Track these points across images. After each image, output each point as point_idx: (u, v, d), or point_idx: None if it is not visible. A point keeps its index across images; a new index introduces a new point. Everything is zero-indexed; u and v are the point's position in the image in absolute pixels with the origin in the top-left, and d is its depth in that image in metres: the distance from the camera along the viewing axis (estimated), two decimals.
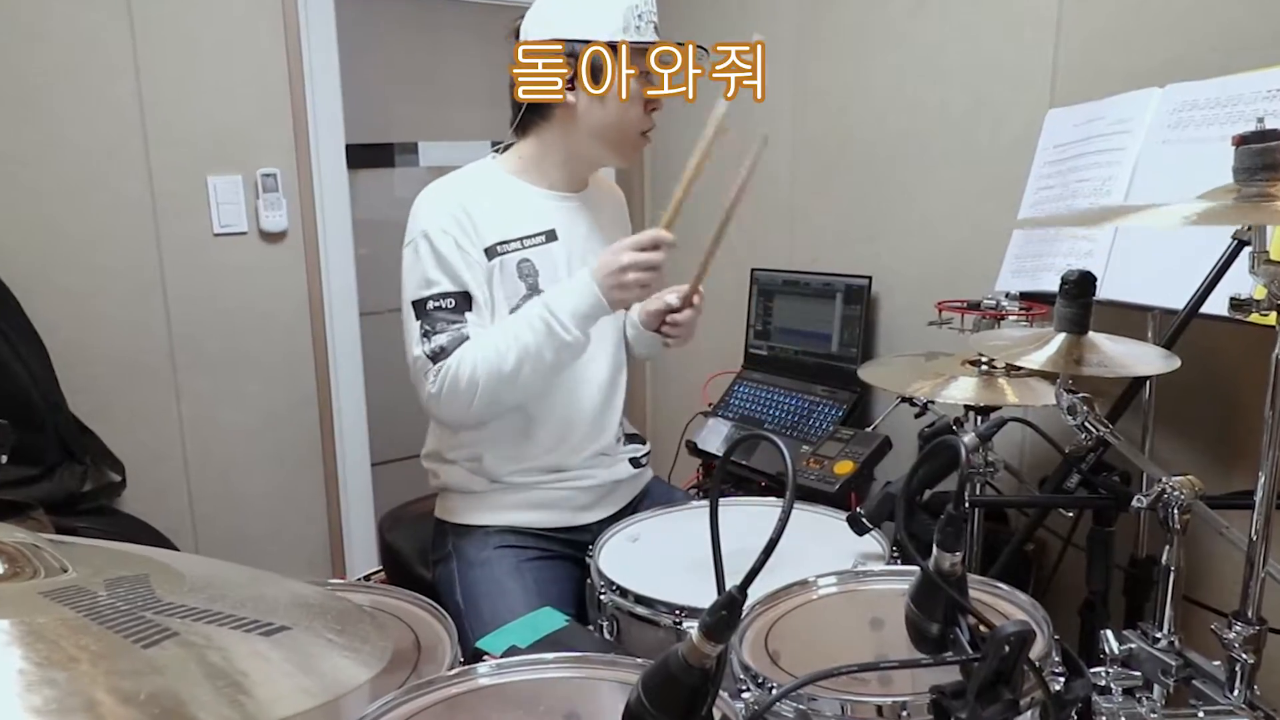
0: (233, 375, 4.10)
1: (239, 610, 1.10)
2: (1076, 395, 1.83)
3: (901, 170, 3.63)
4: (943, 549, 1.34)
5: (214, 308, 4.02)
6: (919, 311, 3.00)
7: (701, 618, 1.22)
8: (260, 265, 4.10)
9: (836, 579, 1.94)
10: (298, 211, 4.14)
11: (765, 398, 3.86)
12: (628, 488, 2.84)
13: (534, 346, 2.46)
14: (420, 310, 2.48)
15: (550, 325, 2.46)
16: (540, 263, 2.60)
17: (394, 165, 4.81)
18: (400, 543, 2.98)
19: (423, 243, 2.50)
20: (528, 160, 2.66)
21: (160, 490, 3.99)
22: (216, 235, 3.98)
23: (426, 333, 2.47)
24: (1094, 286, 1.77)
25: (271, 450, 4.25)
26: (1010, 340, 1.97)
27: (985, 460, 2.52)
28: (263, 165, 4.03)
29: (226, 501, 4.16)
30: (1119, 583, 2.58)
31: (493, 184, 2.63)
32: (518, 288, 2.57)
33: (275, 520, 4.29)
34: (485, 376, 2.45)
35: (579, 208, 2.71)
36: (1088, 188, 2.58)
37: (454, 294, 2.49)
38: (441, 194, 2.56)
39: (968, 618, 1.33)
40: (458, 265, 2.49)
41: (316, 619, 1.15)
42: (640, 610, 2.08)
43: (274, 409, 4.22)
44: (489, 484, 2.67)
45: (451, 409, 2.50)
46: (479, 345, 2.46)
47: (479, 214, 2.53)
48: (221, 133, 3.94)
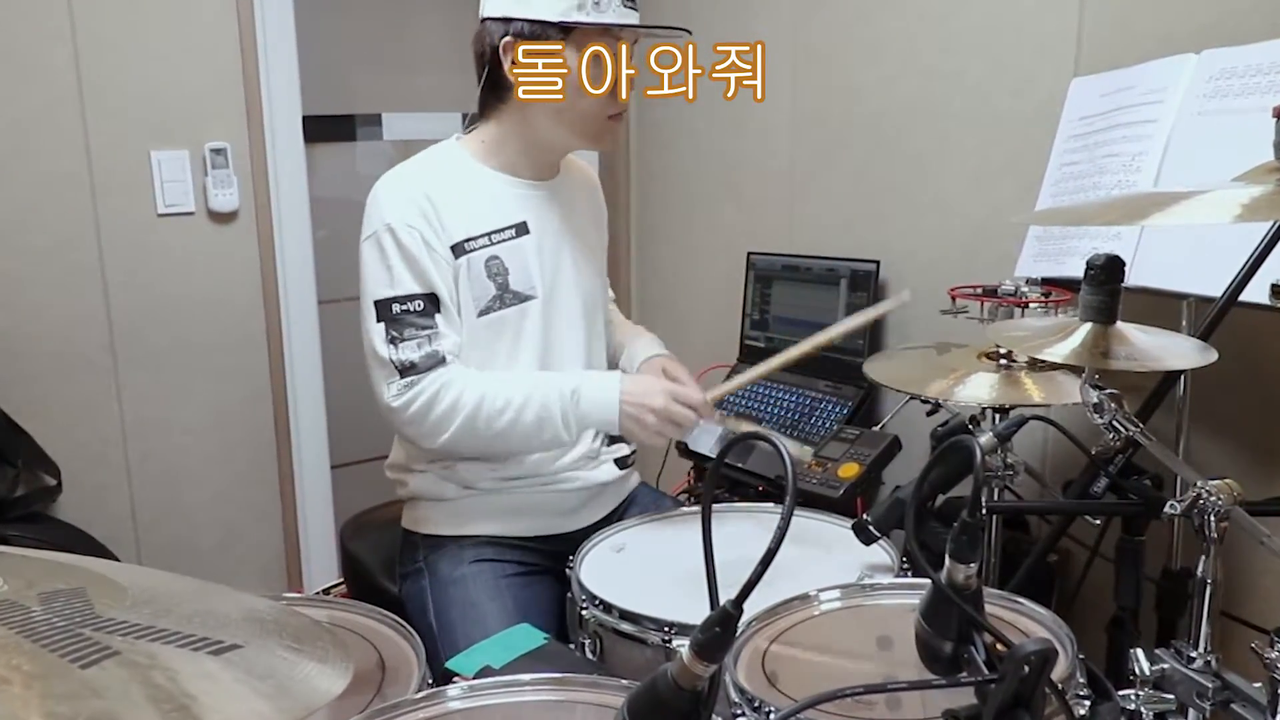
0: (179, 369, 4.10)
1: (186, 627, 1.10)
2: (1104, 391, 1.83)
3: (912, 144, 3.63)
4: (956, 560, 1.34)
5: (158, 295, 4.01)
6: (931, 299, 3.00)
7: (693, 635, 1.22)
8: (209, 248, 4.10)
9: (840, 593, 1.95)
10: (250, 190, 4.14)
11: (762, 394, 3.86)
12: (613, 492, 2.84)
13: (528, 424, 2.52)
14: (385, 312, 2.49)
15: (554, 419, 2.53)
16: (510, 259, 2.60)
17: (355, 139, 4.81)
18: (363, 553, 2.98)
19: (386, 238, 2.49)
20: (491, 145, 2.66)
21: (99, 495, 3.98)
22: (160, 216, 3.98)
23: (394, 338, 2.48)
24: (1122, 272, 1.77)
25: (221, 451, 4.24)
26: (1031, 331, 1.97)
27: (1004, 462, 2.52)
28: (211, 139, 4.02)
29: (172, 507, 4.15)
30: (1150, 597, 2.58)
31: (457, 171, 2.62)
32: (486, 288, 2.57)
33: (225, 528, 4.28)
34: (464, 421, 2.49)
35: (550, 196, 2.71)
36: (1116, 164, 2.58)
37: (421, 296, 2.50)
38: (404, 183, 2.56)
39: (984, 635, 1.33)
40: (425, 264, 2.49)
41: (271, 636, 1.15)
42: (625, 627, 2.09)
43: (224, 406, 4.22)
44: (461, 490, 2.67)
45: (413, 430, 2.54)
46: (471, 385, 2.50)
47: (445, 206, 2.53)
48: (166, 103, 3.93)
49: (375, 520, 3.08)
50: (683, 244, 4.68)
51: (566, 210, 2.74)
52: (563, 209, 2.73)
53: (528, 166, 2.67)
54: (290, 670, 1.09)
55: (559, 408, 2.51)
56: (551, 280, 2.66)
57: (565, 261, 2.70)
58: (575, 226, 2.74)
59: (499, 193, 2.63)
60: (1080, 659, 1.61)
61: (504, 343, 2.61)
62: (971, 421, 2.57)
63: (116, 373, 3.97)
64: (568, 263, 2.71)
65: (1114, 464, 2.22)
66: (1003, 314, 2.72)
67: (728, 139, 4.30)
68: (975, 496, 1.33)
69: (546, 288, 2.65)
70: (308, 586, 4.39)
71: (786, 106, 4.05)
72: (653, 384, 2.58)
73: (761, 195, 4.22)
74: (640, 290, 4.93)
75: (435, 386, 2.47)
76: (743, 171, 4.26)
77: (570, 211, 2.75)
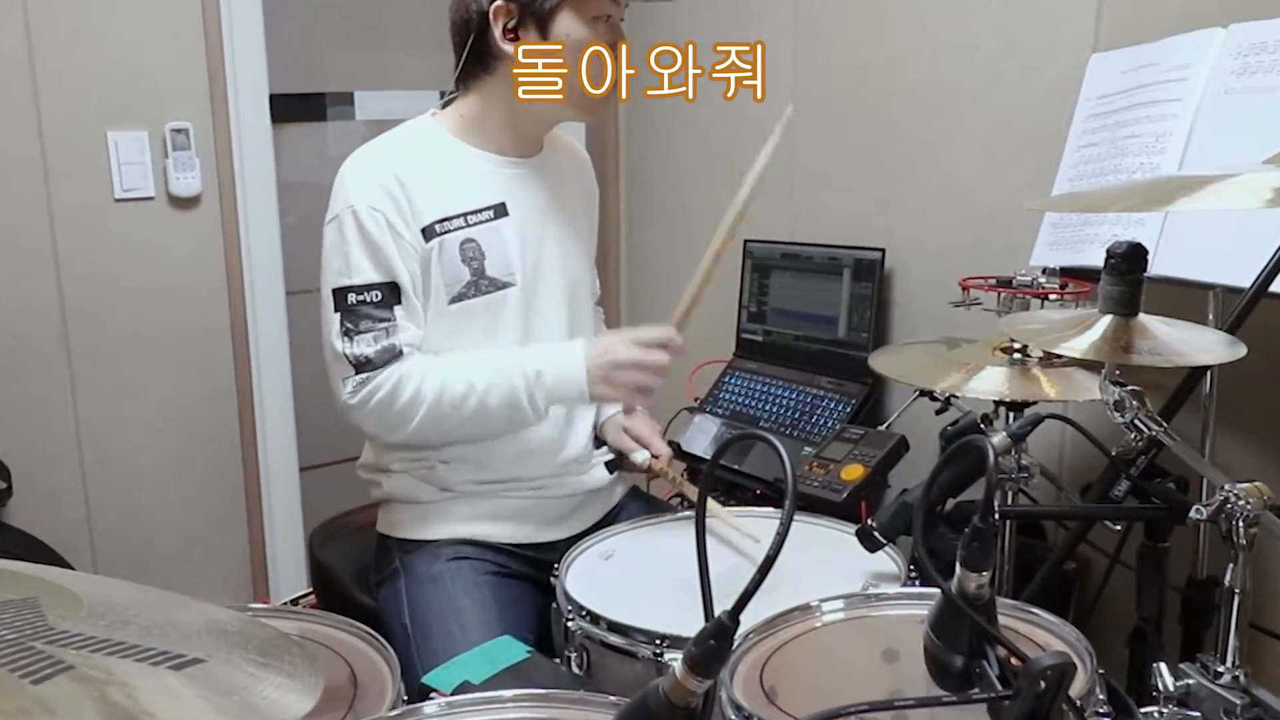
0: (137, 365, 4.09)
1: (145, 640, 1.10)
2: (1125, 388, 1.83)
3: (919, 125, 3.63)
4: (968, 568, 1.34)
5: (115, 285, 4.00)
6: (940, 290, 3.00)
7: (686, 649, 1.22)
8: (169, 236, 4.08)
9: (844, 603, 1.95)
10: (213, 173, 4.13)
11: (760, 391, 3.87)
12: (603, 498, 2.85)
13: (494, 409, 2.52)
14: (341, 302, 2.49)
15: (519, 400, 2.51)
16: (487, 243, 2.59)
17: (326, 119, 4.81)
18: (334, 561, 2.98)
19: (349, 221, 2.49)
20: (470, 120, 2.65)
21: (52, 499, 3.97)
22: (118, 201, 3.97)
23: (348, 331, 2.48)
24: (1145, 260, 1.77)
25: (183, 452, 4.23)
26: (1047, 324, 1.97)
27: (1018, 464, 2.52)
28: (172, 119, 4.01)
29: (130, 512, 4.15)
30: (1174, 608, 2.58)
31: (431, 148, 2.62)
32: (460, 273, 2.57)
33: (187, 534, 4.28)
34: (426, 412, 2.50)
35: (533, 175, 2.71)
36: (1137, 145, 2.58)
37: (379, 285, 2.49)
38: (371, 162, 2.56)
39: (997, 648, 1.33)
40: (387, 251, 2.49)
41: (235, 650, 1.15)
42: (614, 639, 2.09)
43: (186, 404, 4.21)
44: (440, 492, 2.67)
45: (375, 427, 2.56)
46: (430, 373, 2.50)
47: (416, 186, 2.52)
48: (124, 80, 3.92)
49: (347, 526, 3.08)
50: (675, 231, 4.68)
51: (551, 190, 2.73)
52: (547, 188, 2.72)
53: (510, 142, 2.66)
54: (256, 686, 1.09)
55: (524, 390, 2.51)
56: (533, 267, 2.66)
57: (549, 246, 2.70)
58: (561, 208, 2.74)
59: (477, 171, 2.63)
60: (1100, 674, 1.61)
61: (476, 333, 2.60)
62: (983, 420, 2.57)
63: (70, 368, 3.96)
64: (551, 247, 2.70)
65: (1136, 466, 2.22)
66: (1017, 306, 2.72)
67: (723, 120, 4.29)
68: (988, 500, 1.33)
69: (526, 275, 2.64)
70: (275, 597, 4.39)
71: (786, 85, 4.04)
72: (611, 338, 2.58)
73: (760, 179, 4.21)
74: (630, 280, 4.93)
75: (393, 380, 2.47)
76: (739, 154, 4.25)
77: (556, 191, 2.74)
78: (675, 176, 4.64)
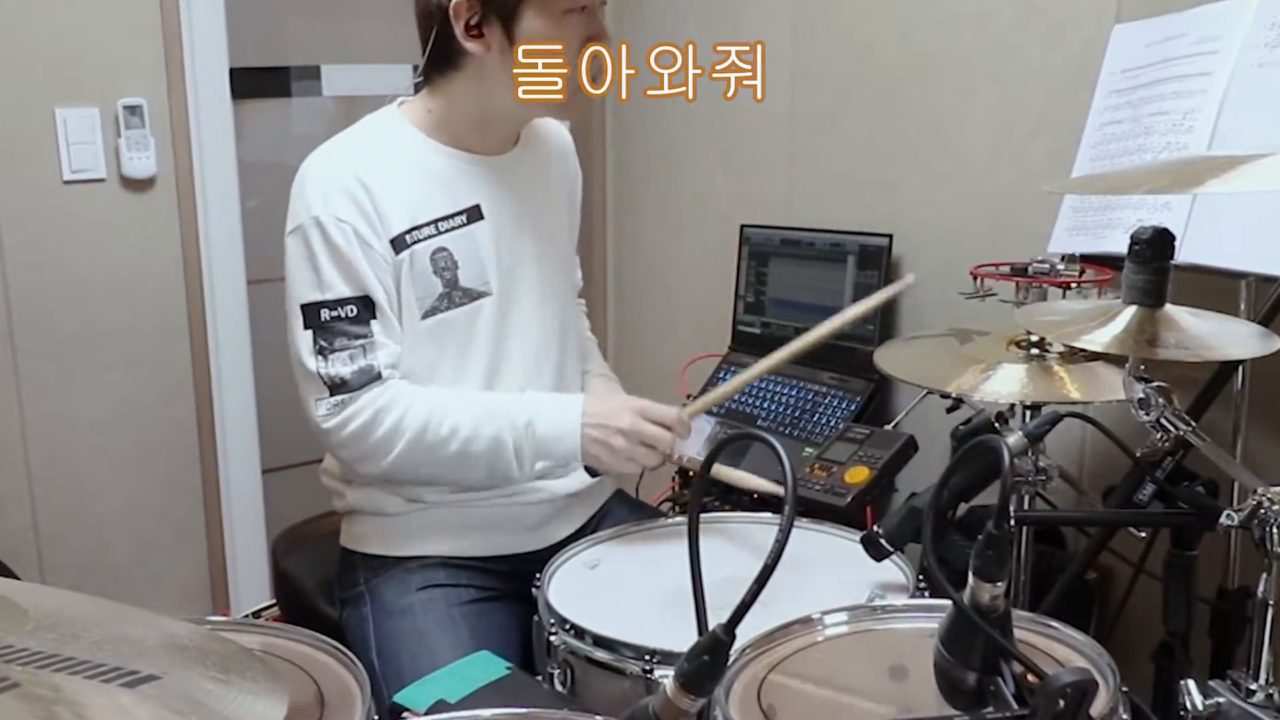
0: (87, 360, 4.08)
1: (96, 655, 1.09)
2: (1150, 384, 1.83)
3: (930, 100, 3.63)
4: (981, 578, 1.34)
5: (63, 274, 3.99)
6: (951, 279, 3.00)
7: (678, 665, 1.22)
8: (122, 220, 4.07)
9: (847, 616, 1.95)
10: (169, 152, 4.11)
11: (758, 387, 3.86)
12: (585, 502, 2.84)
13: (476, 456, 2.52)
14: (312, 319, 2.49)
15: (505, 450, 2.53)
16: (460, 250, 2.59)
17: (290, 95, 4.79)
18: (299, 571, 2.98)
19: (314, 233, 2.48)
20: (438, 117, 2.64)
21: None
22: (67, 183, 3.95)
23: (322, 349, 2.48)
24: (1172, 247, 1.77)
25: (137, 453, 4.22)
26: (1067, 315, 1.97)
27: (1035, 466, 2.52)
28: (125, 95, 4.00)
29: (79, 518, 4.13)
30: (1203, 621, 2.59)
31: (398, 147, 2.61)
32: (432, 285, 2.56)
33: (141, 541, 4.27)
34: (404, 447, 2.50)
35: (509, 173, 2.70)
36: (1164, 123, 2.58)
37: (353, 300, 2.49)
38: (334, 166, 2.54)
39: (1012, 664, 1.33)
40: (357, 264, 2.48)
41: (193, 665, 1.15)
42: (600, 655, 2.09)
43: (140, 402, 4.20)
44: (407, 504, 2.66)
45: (350, 454, 2.56)
46: (414, 407, 2.49)
47: (383, 191, 2.51)
48: (73, 54, 3.90)
49: (313, 533, 3.07)
50: (666, 216, 4.68)
51: (530, 187, 2.73)
52: (525, 186, 2.72)
53: (481, 140, 2.65)
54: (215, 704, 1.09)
55: (511, 441, 2.51)
56: (508, 273, 2.66)
57: (525, 249, 2.69)
58: (540, 206, 2.74)
59: (447, 172, 2.62)
60: (1123, 692, 1.61)
61: (451, 348, 2.60)
62: (998, 419, 2.57)
63: (15, 364, 3.95)
64: (528, 251, 2.70)
65: (1162, 468, 2.23)
66: (1034, 296, 2.72)
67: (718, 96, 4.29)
68: (1002, 505, 1.33)
69: (503, 282, 2.64)
70: (235, 608, 4.39)
71: (786, 59, 4.04)
72: (616, 402, 2.59)
73: (757, 160, 4.21)
74: (617, 269, 4.91)
75: (374, 408, 2.47)
76: (735, 133, 4.26)
77: (534, 188, 2.74)
78: (665, 160, 4.63)
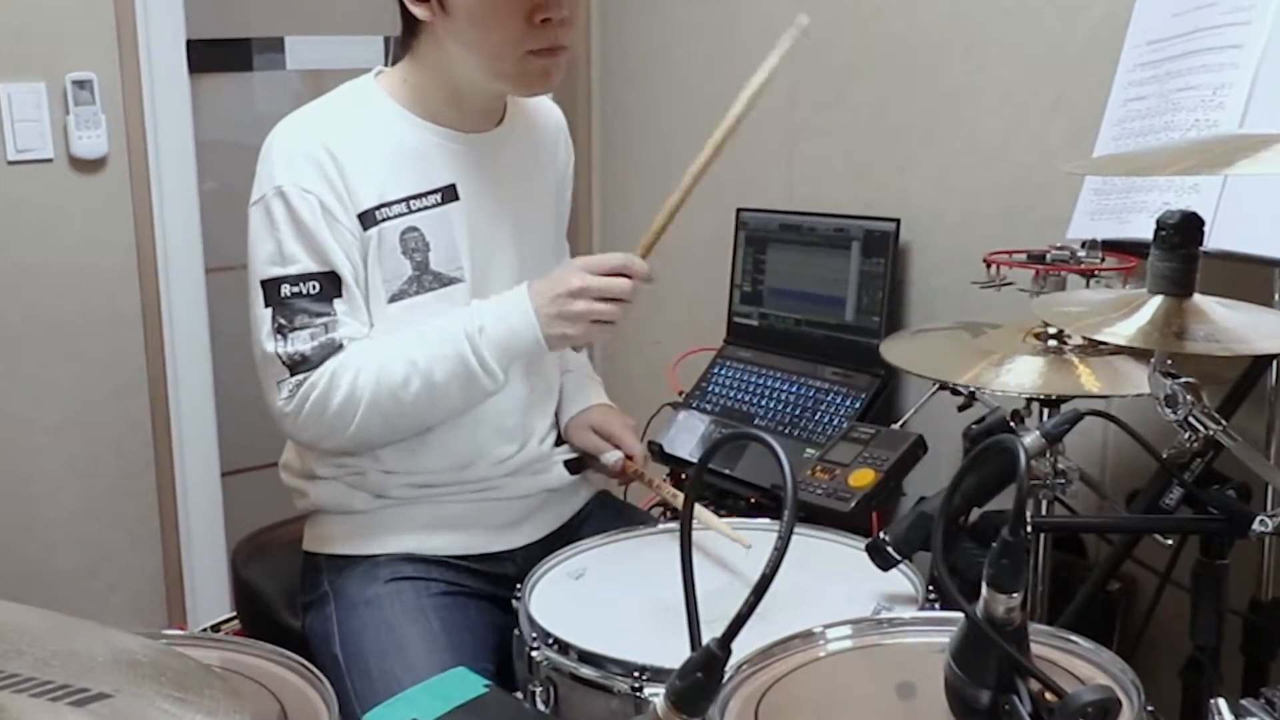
0: (33, 353, 4.07)
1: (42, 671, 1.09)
2: (1177, 380, 1.83)
3: (940, 75, 3.63)
4: (996, 589, 1.33)
5: (7, 261, 3.98)
6: (963, 267, 3.01)
7: (669, 682, 1.22)
8: (71, 203, 4.06)
9: (851, 630, 1.95)
10: (121, 131, 4.11)
11: (755, 384, 3.87)
12: (564, 500, 2.85)
13: (443, 383, 2.50)
14: (273, 295, 2.48)
15: (468, 364, 2.49)
16: (432, 232, 2.59)
17: (252, 69, 4.78)
18: (261, 580, 2.98)
19: (277, 204, 2.48)
20: (415, 88, 2.64)
21: None
22: (11, 163, 3.94)
23: (281, 328, 2.47)
24: (1201, 232, 1.77)
25: (87, 455, 4.21)
26: (1088, 306, 1.97)
27: (1053, 468, 2.52)
28: (74, 69, 3.99)
29: (25, 524, 4.13)
30: (1235, 634, 2.59)
31: (372, 119, 2.61)
32: (401, 266, 2.56)
33: (91, 549, 4.26)
34: (367, 406, 2.48)
35: (491, 152, 2.70)
36: (1192, 99, 2.58)
37: (317, 276, 2.48)
38: (302, 135, 2.54)
39: (1029, 682, 1.33)
40: (322, 237, 2.48)
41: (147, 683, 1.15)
42: (586, 671, 2.09)
43: (90, 399, 4.19)
44: (374, 500, 2.67)
45: (313, 432, 2.54)
46: (365, 361, 2.48)
47: (352, 165, 2.51)
48: (16, 25, 3.89)
49: (276, 540, 3.07)
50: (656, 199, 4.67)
51: (512, 169, 2.73)
52: (507, 167, 2.72)
53: (458, 115, 2.65)
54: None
55: (470, 351, 2.48)
56: (484, 259, 2.65)
57: (503, 235, 2.69)
58: (522, 190, 2.74)
59: (424, 147, 2.62)
60: (1149, 711, 1.61)
61: None
62: (1013, 418, 2.57)
63: None
64: (507, 236, 2.70)
65: (1190, 470, 2.22)
66: (1052, 285, 2.72)
67: (712, 69, 4.29)
68: (1018, 510, 1.32)
69: (476, 268, 2.64)
70: (193, 622, 4.39)
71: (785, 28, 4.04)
72: (558, 270, 2.55)
73: (755, 138, 4.20)
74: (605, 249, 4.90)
75: (327, 376, 2.46)
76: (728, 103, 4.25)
77: (517, 170, 2.74)
78: (656, 131, 4.63)
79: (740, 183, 4.19)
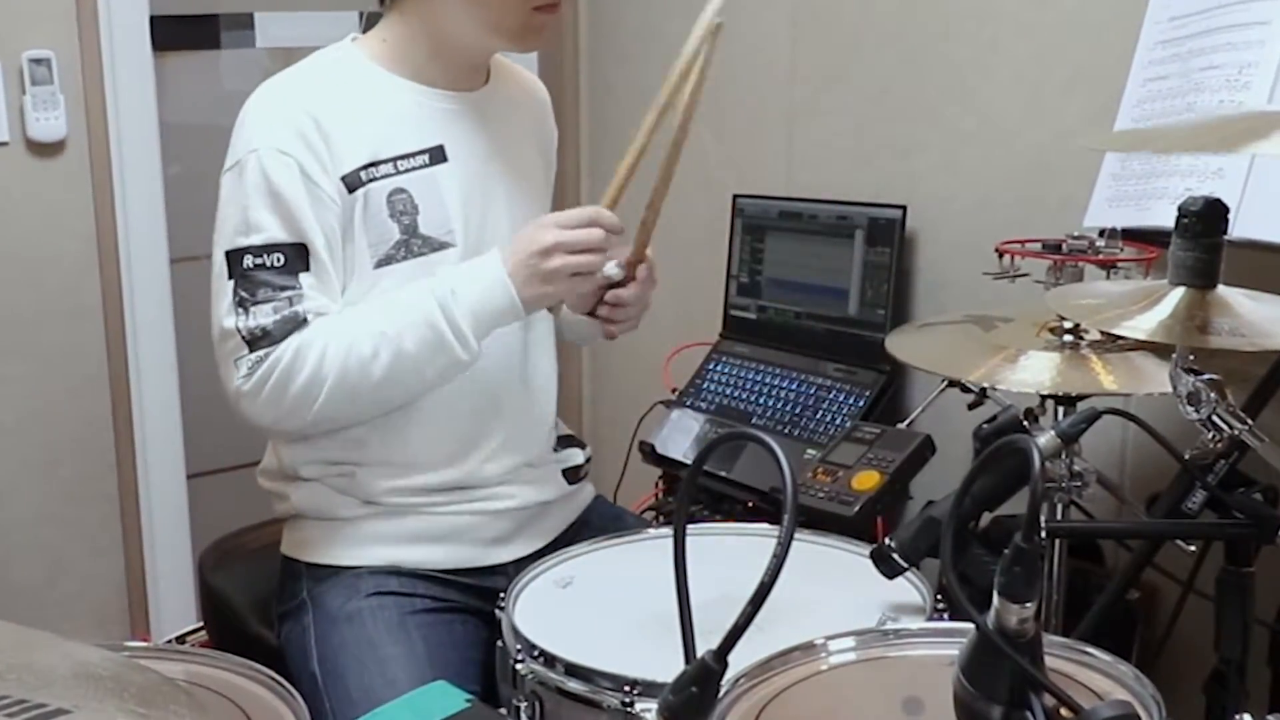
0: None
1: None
2: (1200, 377, 1.83)
3: (949, 54, 3.63)
4: (1008, 598, 1.33)
5: None
6: (974, 256, 3.01)
7: (662, 697, 1.22)
8: (27, 189, 4.06)
9: (855, 641, 1.95)
10: (81, 112, 4.11)
11: (753, 380, 3.87)
12: (560, 512, 2.85)
13: (413, 353, 2.48)
14: (235, 267, 2.47)
15: (439, 331, 2.47)
16: (421, 194, 2.58)
17: (220, 46, 4.78)
18: (229, 588, 2.97)
19: (251, 168, 2.47)
20: (395, 47, 2.64)
21: None
22: None
23: (243, 301, 2.46)
24: (1226, 220, 1.77)
25: (44, 456, 4.21)
26: (1106, 298, 1.97)
27: (1069, 470, 2.52)
28: (30, 47, 3.98)
29: None
30: (1261, 646, 2.59)
31: (353, 80, 2.61)
32: (388, 230, 2.56)
33: (50, 556, 4.26)
34: (333, 383, 2.47)
35: (477, 112, 2.70)
36: (1216, 79, 2.58)
37: (284, 246, 2.47)
38: (281, 97, 2.55)
39: (1044, 697, 1.33)
40: (296, 204, 2.47)
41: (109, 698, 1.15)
42: (574, 685, 2.09)
43: (48, 396, 4.19)
44: (361, 506, 2.66)
45: (273, 414, 2.51)
46: (331, 336, 2.47)
47: (335, 126, 2.51)
48: None
49: (246, 545, 3.07)
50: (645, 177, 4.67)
51: (500, 130, 2.73)
52: (495, 128, 2.72)
53: (443, 73, 2.65)
54: None
55: (442, 317, 2.46)
56: (477, 223, 2.65)
57: (496, 198, 2.69)
58: (511, 152, 2.74)
59: (408, 107, 2.62)
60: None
61: None
62: (1027, 417, 2.57)
63: None
64: (499, 200, 2.70)
65: (1214, 472, 2.22)
66: (1068, 276, 2.72)
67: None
68: (1032, 515, 1.32)
69: (469, 233, 2.63)
70: (157, 633, 4.39)
71: (784, 10, 4.04)
72: (528, 230, 2.54)
73: (752, 120, 4.21)
74: None
75: (290, 352, 2.43)
76: (727, 89, 4.26)
77: (505, 131, 2.74)
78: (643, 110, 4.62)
79: (737, 167, 4.19)
